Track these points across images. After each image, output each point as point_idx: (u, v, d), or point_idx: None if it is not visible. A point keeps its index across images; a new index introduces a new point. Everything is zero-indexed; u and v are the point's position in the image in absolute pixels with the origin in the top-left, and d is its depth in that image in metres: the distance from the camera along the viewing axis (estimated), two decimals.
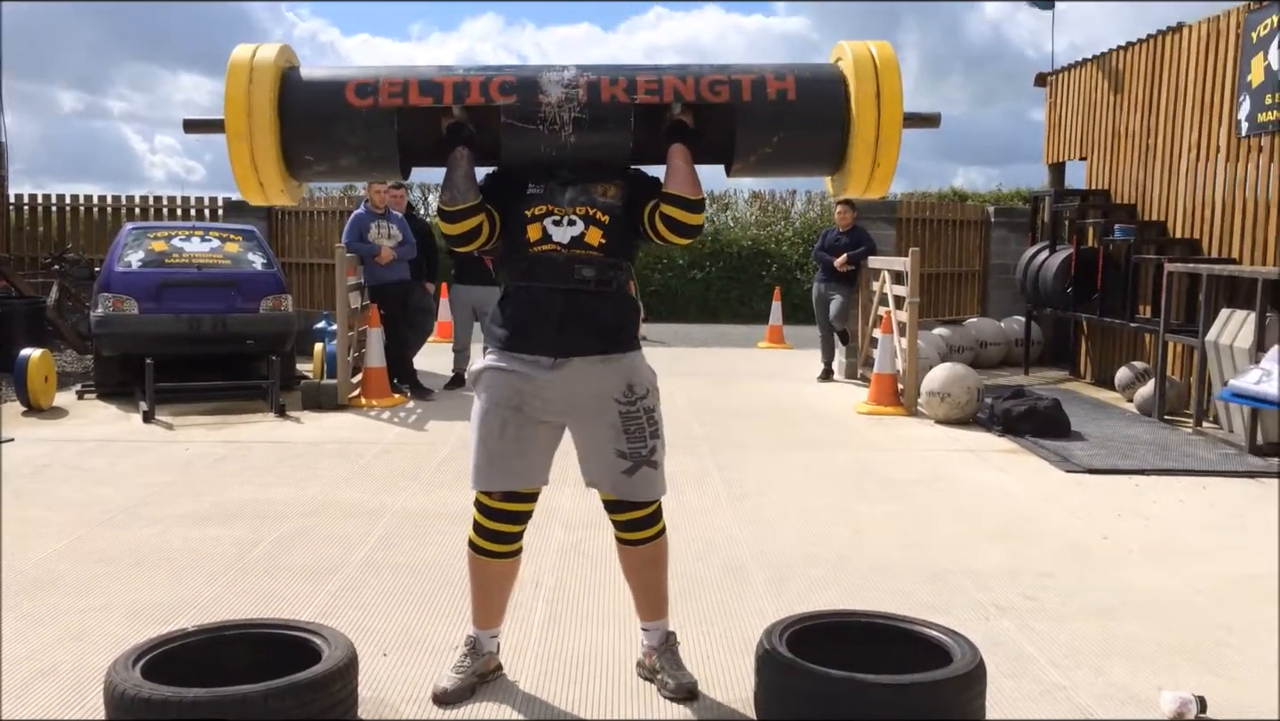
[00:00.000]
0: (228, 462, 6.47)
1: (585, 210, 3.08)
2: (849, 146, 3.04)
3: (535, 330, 3.07)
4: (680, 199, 3.01)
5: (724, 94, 3.01)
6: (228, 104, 2.92)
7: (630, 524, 3.22)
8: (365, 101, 2.97)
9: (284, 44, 3.08)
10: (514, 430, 3.10)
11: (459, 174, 3.01)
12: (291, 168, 3.06)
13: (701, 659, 3.51)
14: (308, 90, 3.01)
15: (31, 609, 3.93)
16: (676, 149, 3.02)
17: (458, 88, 2.99)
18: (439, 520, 5.16)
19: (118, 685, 2.52)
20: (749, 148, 3.07)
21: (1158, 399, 8.35)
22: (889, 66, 3.01)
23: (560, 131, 2.98)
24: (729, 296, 18.79)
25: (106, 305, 8.51)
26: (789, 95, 3.03)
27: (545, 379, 3.07)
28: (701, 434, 7.53)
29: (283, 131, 2.97)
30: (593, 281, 3.06)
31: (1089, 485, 6.16)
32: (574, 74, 3.01)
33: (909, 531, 5.13)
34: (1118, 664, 3.56)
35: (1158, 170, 9.74)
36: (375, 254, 8.69)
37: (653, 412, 3.16)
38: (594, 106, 2.98)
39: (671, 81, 3.02)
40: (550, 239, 3.06)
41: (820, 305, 10.38)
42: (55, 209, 14.07)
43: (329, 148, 3.04)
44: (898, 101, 3.00)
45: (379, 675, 3.36)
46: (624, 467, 3.12)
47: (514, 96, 2.98)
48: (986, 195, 20.16)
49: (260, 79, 2.93)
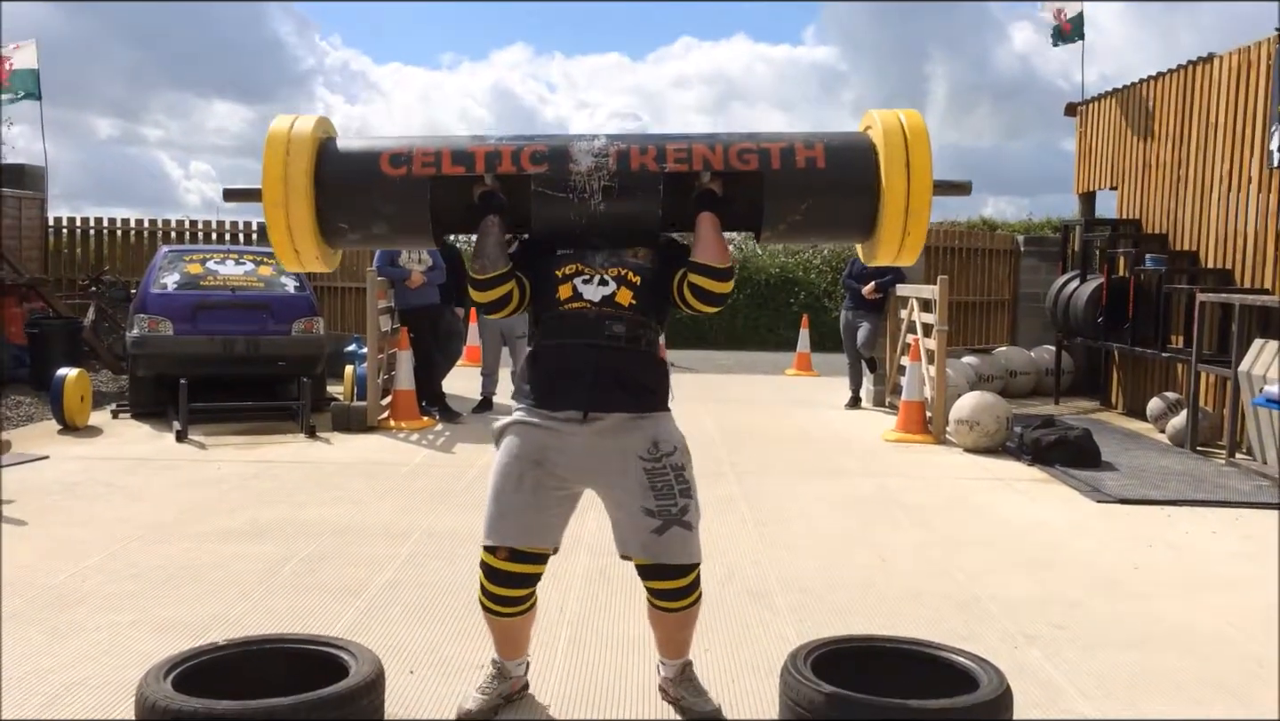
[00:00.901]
0: (258, 482, 6.54)
1: (617, 271, 3.08)
2: (879, 215, 3.04)
3: (566, 386, 3.03)
4: (708, 268, 3.00)
5: (752, 162, 3.02)
6: (265, 174, 2.98)
7: (665, 593, 3.11)
8: (399, 171, 3.01)
9: (322, 116, 3.14)
10: (531, 484, 3.06)
11: (490, 242, 3.02)
12: (327, 236, 3.11)
13: (726, 682, 3.51)
14: (342, 160, 3.07)
15: (62, 623, 3.98)
16: (705, 218, 3.02)
17: (489, 157, 3.02)
18: (466, 541, 5.18)
19: (149, 696, 2.55)
20: (778, 215, 3.07)
21: (1190, 430, 8.27)
22: (919, 136, 3.00)
23: (590, 200, 3.00)
24: (757, 324, 18.78)
25: (142, 326, 8.63)
26: (818, 163, 3.03)
27: (572, 436, 3.03)
28: (728, 460, 7.53)
29: (318, 200, 3.02)
30: (623, 338, 3.03)
31: (1120, 516, 6.11)
32: (604, 143, 3.04)
33: (936, 559, 5.10)
34: (1148, 696, 3.52)
35: (1189, 200, 9.69)
36: (406, 278, 8.78)
37: (682, 471, 3.07)
38: (624, 175, 3.00)
39: (701, 150, 3.03)
40: (581, 296, 3.05)
41: (848, 333, 10.37)
42: (93, 232, 14.30)
43: (363, 216, 3.08)
44: (927, 171, 2.99)
45: (405, 692, 3.38)
46: (653, 526, 3.02)
47: (545, 165, 3.01)
48: (1016, 225, 20.08)
49: (297, 150, 2.98)
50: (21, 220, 13.00)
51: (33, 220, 13.35)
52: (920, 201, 2.99)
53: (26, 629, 3.91)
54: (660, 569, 3.07)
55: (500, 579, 3.09)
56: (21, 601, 4.21)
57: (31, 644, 3.76)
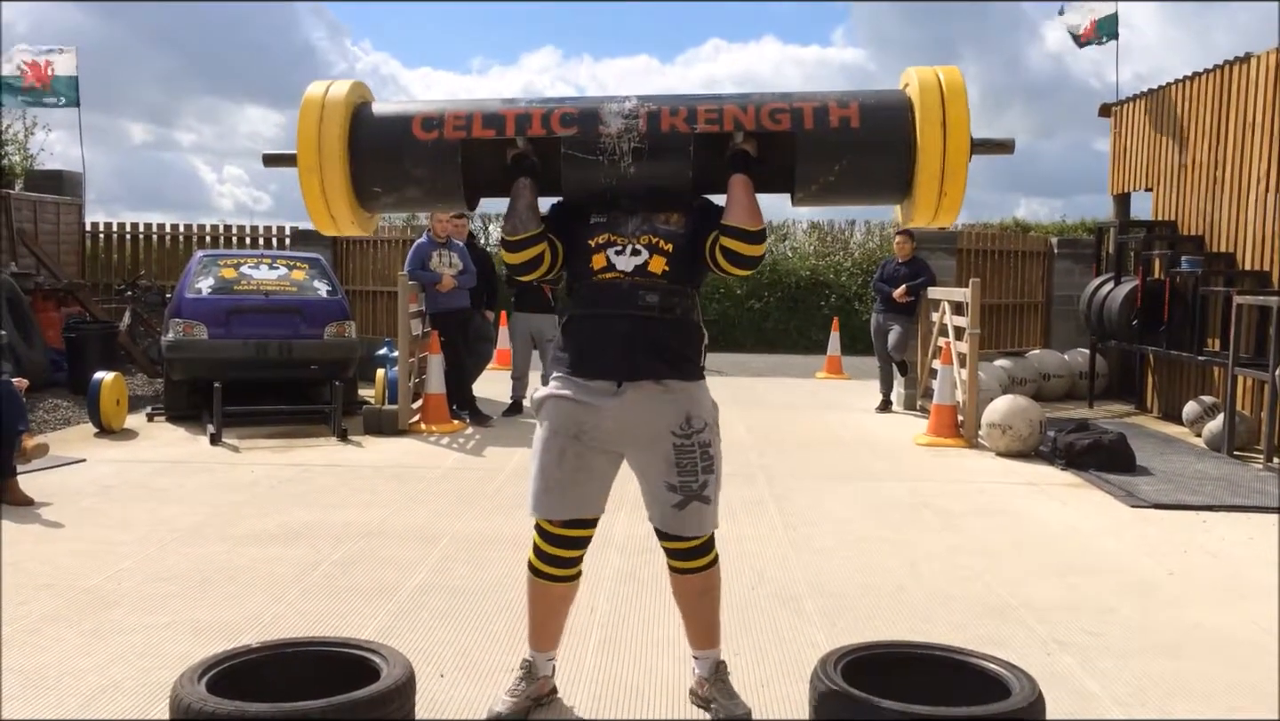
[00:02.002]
0: (291, 485, 6.59)
1: (649, 239, 3.09)
2: (914, 175, 2.99)
3: (600, 355, 3.08)
4: (739, 230, 3.00)
5: (785, 122, 2.99)
6: (300, 139, 3.02)
7: (679, 553, 3.21)
8: (430, 135, 3.04)
9: (357, 80, 3.16)
10: (572, 459, 3.11)
11: (522, 204, 3.05)
12: (361, 199, 3.14)
13: (756, 687, 3.50)
14: (376, 125, 3.09)
15: (97, 625, 4.03)
16: (737, 179, 3.01)
17: (520, 119, 3.03)
18: (496, 545, 5.20)
19: (184, 698, 2.58)
20: (811, 176, 3.04)
21: (1227, 434, 8.16)
22: (956, 92, 2.94)
23: (620, 161, 3.00)
24: (787, 326, 18.72)
25: (177, 330, 8.73)
26: (852, 123, 2.99)
27: (606, 407, 3.07)
28: (758, 463, 7.51)
29: (351, 164, 3.05)
30: (657, 307, 3.06)
31: (1155, 521, 6.04)
32: (634, 104, 3.04)
33: (967, 564, 5.06)
34: (1183, 703, 3.48)
35: (1226, 201, 9.57)
36: (437, 282, 8.83)
37: (708, 447, 3.13)
38: (654, 136, 2.99)
39: (732, 110, 3.01)
40: (614, 267, 3.07)
41: (879, 336, 10.32)
42: (129, 237, 14.48)
43: (395, 180, 3.10)
44: (964, 128, 2.94)
45: (436, 696, 3.40)
46: (674, 501, 3.11)
47: (574, 128, 3.00)
48: (1050, 226, 19.91)
49: (330, 115, 3.02)
50: (59, 225, 13.19)
51: (70, 225, 13.54)
52: (957, 160, 2.93)
53: (64, 630, 3.96)
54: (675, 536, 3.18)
55: (557, 541, 3.18)
56: (59, 603, 4.27)
57: (69, 645, 3.81)
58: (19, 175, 15.85)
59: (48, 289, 11.74)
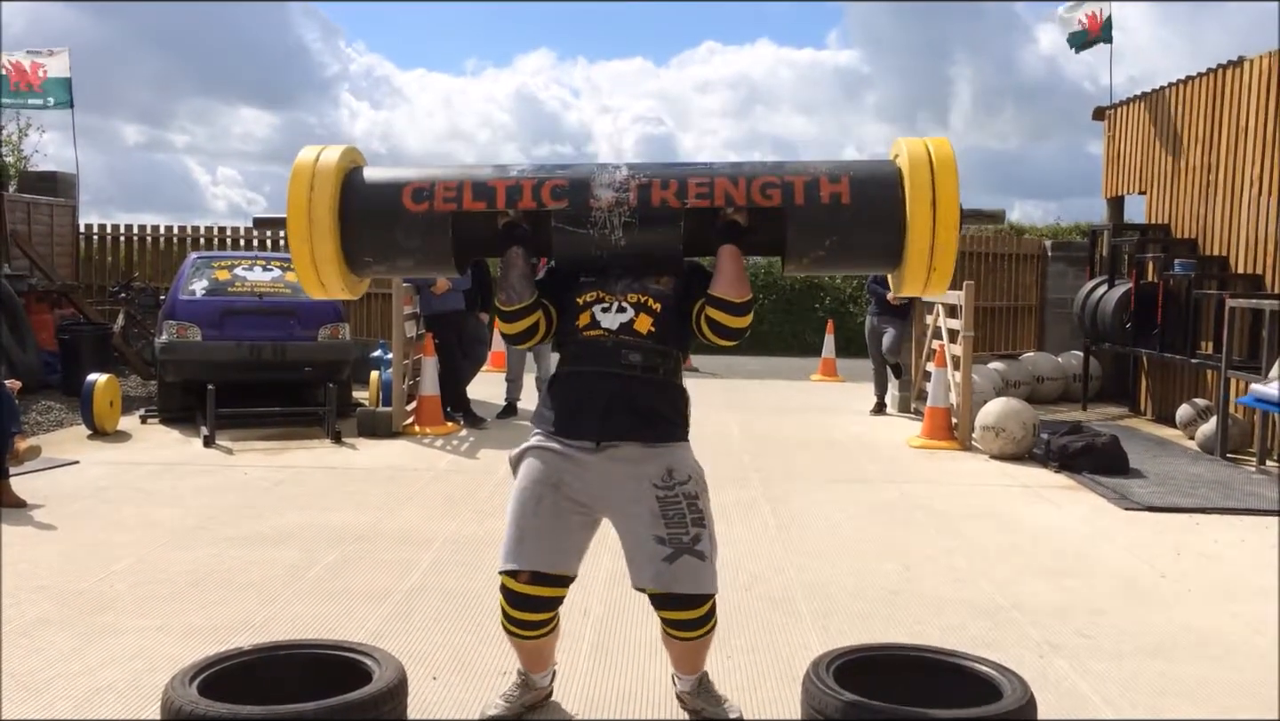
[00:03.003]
0: (285, 487, 6.59)
1: (637, 297, 3.08)
2: (904, 250, 2.99)
3: (580, 415, 3.04)
4: (724, 302, 2.99)
5: (775, 198, 2.98)
6: (290, 208, 3.01)
7: (679, 624, 3.06)
8: (421, 206, 3.03)
9: (349, 146, 3.15)
10: (549, 507, 3.03)
11: (515, 274, 3.04)
12: (352, 267, 3.13)
13: (749, 689, 3.50)
14: (367, 194, 3.08)
15: (89, 627, 4.02)
16: (726, 250, 3.00)
17: (510, 191, 3.02)
18: (490, 547, 5.18)
19: (175, 701, 2.58)
20: (802, 250, 3.03)
21: (1220, 436, 8.18)
22: (945, 166, 2.93)
23: (611, 235, 2.99)
24: (782, 329, 18.75)
25: (171, 332, 8.71)
26: (843, 199, 2.98)
27: (587, 462, 3.03)
28: (752, 465, 7.52)
29: (342, 235, 3.05)
30: (639, 366, 3.02)
31: (1148, 523, 6.05)
32: (625, 175, 3.02)
33: (960, 567, 5.07)
34: (1175, 705, 3.49)
35: (1219, 205, 9.60)
36: (431, 284, 8.82)
37: (695, 500, 3.03)
38: (644, 209, 2.98)
39: (723, 184, 3.00)
40: (599, 325, 3.06)
41: (873, 338, 10.33)
42: (123, 239, 14.46)
43: (387, 250, 3.10)
44: (953, 204, 2.91)
45: (429, 698, 3.40)
46: (664, 555, 2.96)
47: (565, 201, 3.00)
48: (1044, 229, 19.93)
49: (321, 184, 3.00)
50: (53, 227, 13.18)
51: (64, 227, 13.53)
52: (946, 236, 2.92)
53: (56, 633, 3.95)
54: (672, 598, 3.00)
55: (522, 603, 3.05)
56: (51, 605, 4.26)
57: (61, 648, 3.80)
58: (13, 176, 15.82)
59: (41, 290, 11.72)
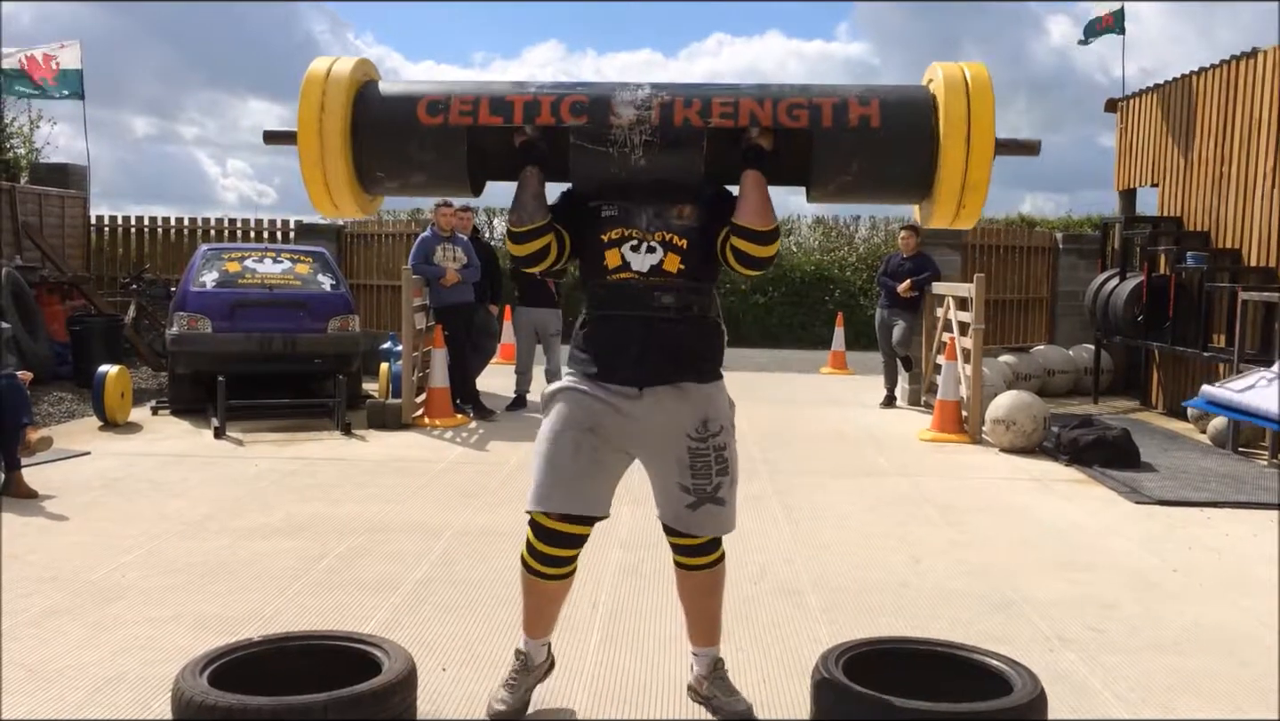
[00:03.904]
0: (295, 478, 6.60)
1: (663, 235, 3.00)
2: (935, 177, 2.90)
3: (617, 360, 3.02)
4: (749, 231, 2.91)
5: (803, 119, 2.89)
6: (300, 119, 2.92)
7: (686, 549, 3.17)
8: (435, 119, 2.94)
9: (362, 58, 3.06)
10: (588, 453, 3.03)
11: (528, 194, 2.97)
12: (364, 183, 3.07)
13: (757, 682, 3.50)
14: (380, 107, 3.00)
15: (101, 618, 4.04)
16: (750, 176, 2.92)
17: (528, 106, 2.94)
18: (499, 538, 5.20)
19: (185, 692, 2.59)
20: (828, 175, 2.95)
21: (1232, 430, 8.14)
22: (982, 91, 2.81)
23: (631, 154, 2.90)
24: (791, 322, 18.71)
25: (181, 324, 8.73)
26: (872, 122, 2.89)
27: (625, 407, 3.03)
28: (761, 458, 7.51)
29: (354, 147, 2.97)
30: (673, 308, 3.00)
31: (1159, 517, 6.03)
32: (647, 93, 2.93)
33: (970, 560, 5.06)
34: (1186, 700, 3.48)
35: (1232, 197, 9.54)
36: (441, 276, 8.83)
37: (723, 451, 3.08)
38: (666, 129, 2.88)
39: (748, 105, 2.91)
40: (629, 266, 3.00)
41: (883, 331, 10.31)
42: (134, 230, 14.49)
43: (399, 165, 3.02)
44: (989, 132, 2.80)
45: (438, 689, 3.40)
46: (687, 502, 3.06)
47: (585, 117, 2.90)
48: (1055, 221, 19.86)
49: (333, 95, 2.92)
50: (64, 219, 13.21)
51: (75, 219, 13.56)
52: (980, 164, 2.81)
53: (67, 623, 3.97)
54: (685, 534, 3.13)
55: (551, 537, 3.09)
56: (63, 596, 4.28)
57: (72, 638, 3.82)
58: (24, 168, 15.86)
59: (52, 282, 11.76)
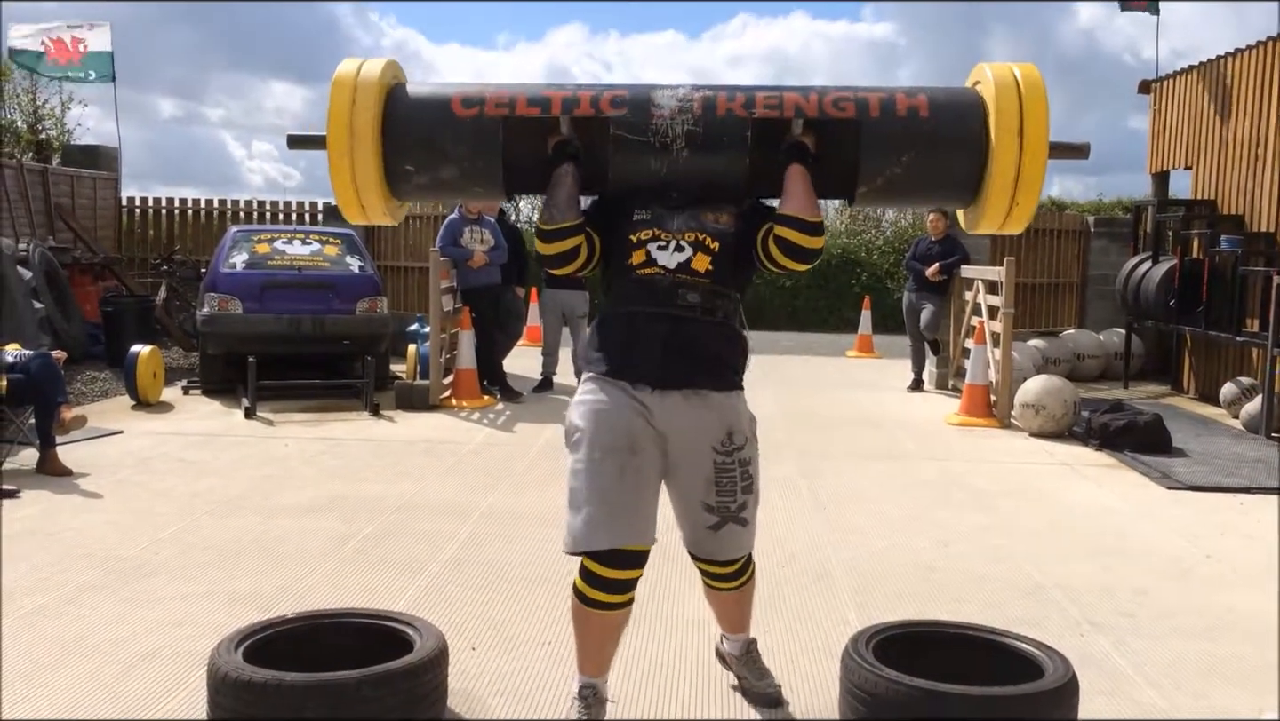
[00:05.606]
0: (325, 459, 6.65)
1: (695, 235, 2.88)
2: (985, 180, 2.80)
3: (637, 356, 2.85)
4: (796, 220, 2.79)
5: (849, 110, 2.79)
6: (330, 120, 2.85)
7: (715, 576, 3.07)
8: (470, 111, 2.88)
9: (391, 59, 3.00)
10: (633, 476, 2.81)
11: (562, 192, 2.84)
12: (392, 181, 2.97)
13: (786, 664, 3.50)
14: (412, 102, 2.95)
15: (134, 594, 4.09)
16: (794, 169, 2.81)
17: (566, 100, 2.85)
18: (526, 520, 5.22)
19: (221, 667, 2.62)
20: (875, 169, 2.84)
21: (1265, 415, 8.05)
22: (1035, 94, 2.71)
23: (672, 145, 2.80)
24: (818, 305, 18.63)
25: (212, 305, 8.80)
26: (921, 113, 2.79)
27: (651, 404, 2.84)
28: (788, 441, 7.49)
29: (385, 143, 2.88)
30: (698, 308, 2.84)
31: (1190, 503, 5.98)
32: (689, 90, 2.87)
33: (999, 544, 5.03)
34: (1218, 686, 3.45)
35: (1267, 180, 9.40)
36: (468, 258, 8.85)
37: (748, 465, 2.93)
38: (709, 120, 2.80)
39: (793, 98, 2.82)
40: (655, 262, 2.86)
41: (911, 314, 10.25)
42: (164, 212, 14.60)
43: (431, 158, 2.94)
44: (1043, 135, 2.70)
45: (468, 668, 3.42)
46: (709, 523, 2.92)
47: (625, 109, 2.82)
48: (1085, 205, 19.65)
49: (364, 97, 2.85)
50: (96, 200, 13.34)
51: (107, 200, 13.68)
52: (1033, 169, 2.72)
53: (102, 599, 4.02)
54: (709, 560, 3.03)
55: (609, 586, 2.83)
56: (98, 572, 4.33)
57: (108, 613, 3.87)
58: (56, 150, 16.00)
59: (85, 263, 11.88)
